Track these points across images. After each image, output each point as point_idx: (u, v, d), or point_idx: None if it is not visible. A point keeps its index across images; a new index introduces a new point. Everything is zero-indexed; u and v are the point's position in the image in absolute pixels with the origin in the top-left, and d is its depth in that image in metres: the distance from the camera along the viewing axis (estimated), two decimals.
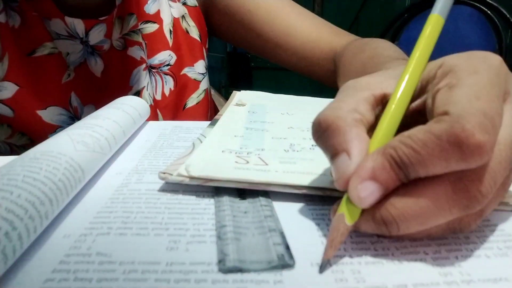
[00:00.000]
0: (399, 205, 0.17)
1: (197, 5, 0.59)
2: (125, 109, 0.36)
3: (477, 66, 0.18)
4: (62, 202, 0.21)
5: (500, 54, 1.17)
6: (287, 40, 0.53)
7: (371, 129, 0.20)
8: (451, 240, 0.19)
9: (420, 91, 0.20)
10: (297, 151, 0.29)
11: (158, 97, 0.54)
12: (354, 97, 0.20)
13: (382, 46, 0.43)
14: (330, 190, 0.23)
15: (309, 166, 0.26)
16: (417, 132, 0.17)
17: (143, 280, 0.16)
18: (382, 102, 0.20)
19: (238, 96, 0.46)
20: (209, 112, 0.61)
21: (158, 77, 0.54)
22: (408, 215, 0.17)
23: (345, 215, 0.18)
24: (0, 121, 0.46)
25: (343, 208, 0.18)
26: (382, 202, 0.17)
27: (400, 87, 0.19)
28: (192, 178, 0.24)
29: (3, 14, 0.45)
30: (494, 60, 0.19)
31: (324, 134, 0.19)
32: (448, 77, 0.18)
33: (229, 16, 0.57)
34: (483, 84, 0.17)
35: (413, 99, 0.20)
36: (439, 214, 0.17)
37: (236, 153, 0.28)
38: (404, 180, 0.17)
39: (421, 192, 0.17)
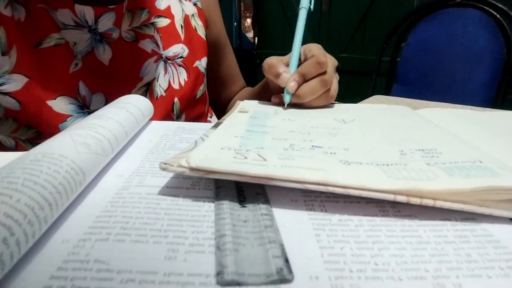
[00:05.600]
0: (303, 89, 0.45)
1: (202, 8, 0.64)
2: (128, 109, 0.36)
3: (315, 45, 0.48)
4: (62, 206, 0.21)
5: (509, 56, 1.15)
6: (231, 84, 0.74)
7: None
8: (453, 258, 0.19)
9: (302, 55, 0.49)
10: (297, 150, 0.29)
11: (176, 86, 0.57)
12: (275, 58, 0.49)
13: None
14: (333, 186, 0.22)
15: (308, 162, 0.26)
16: (306, 63, 0.45)
17: None
18: (284, 62, 0.49)
19: (241, 104, 0.47)
20: (206, 106, 0.66)
21: (173, 68, 0.57)
22: (306, 92, 0.45)
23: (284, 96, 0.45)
24: (6, 115, 0.46)
25: (284, 93, 0.45)
26: (298, 89, 0.45)
27: (294, 53, 0.48)
28: (192, 169, 0.24)
29: (9, 8, 0.45)
30: (319, 45, 0.49)
31: (271, 68, 0.47)
32: (307, 50, 0.48)
33: (213, 45, 0.67)
34: (319, 48, 0.48)
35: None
36: (317, 89, 0.45)
37: (235, 150, 0.28)
38: (304, 80, 0.45)
39: (310, 83, 0.45)
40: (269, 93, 0.52)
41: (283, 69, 0.46)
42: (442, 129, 0.36)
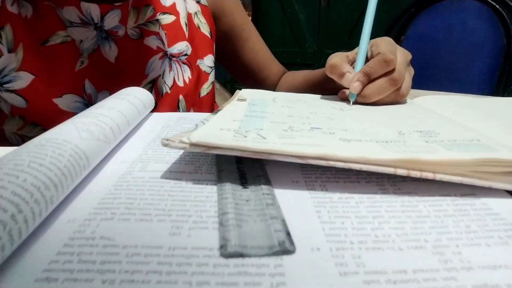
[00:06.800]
0: (369, 89, 0.42)
1: (207, 5, 0.63)
2: (130, 100, 0.36)
3: (383, 40, 0.45)
4: (67, 187, 0.21)
5: (509, 48, 1.15)
6: (262, 69, 0.72)
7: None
8: (452, 229, 0.19)
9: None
10: (296, 131, 0.29)
11: (181, 83, 0.57)
12: (339, 55, 0.46)
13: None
14: (334, 161, 0.23)
15: (308, 140, 0.26)
16: (372, 61, 0.42)
17: (146, 263, 0.17)
18: (349, 59, 0.47)
19: (240, 92, 0.47)
20: (213, 104, 0.65)
21: (178, 66, 0.57)
22: (371, 92, 0.42)
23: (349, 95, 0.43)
24: (12, 113, 0.47)
25: (350, 92, 0.43)
26: (364, 90, 0.42)
27: (361, 50, 0.45)
28: (193, 145, 0.24)
29: (15, 5, 0.45)
30: (390, 38, 0.46)
31: (334, 69, 0.45)
32: (374, 46, 0.44)
33: (228, 35, 0.67)
34: (387, 43, 0.44)
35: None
36: (385, 89, 0.42)
37: (234, 131, 0.28)
38: (369, 80, 0.42)
39: (376, 82, 0.42)
40: (332, 84, 0.50)
41: (347, 68, 0.44)
42: (440, 115, 0.36)
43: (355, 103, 0.43)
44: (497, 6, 1.17)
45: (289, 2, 2.37)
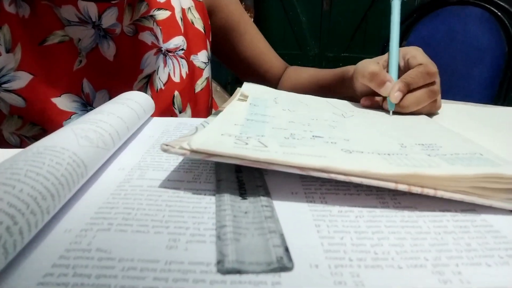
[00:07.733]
0: (408, 99, 0.42)
1: (201, 0, 0.63)
2: (129, 105, 0.36)
3: (417, 50, 0.45)
4: (64, 197, 0.21)
5: (510, 54, 1.15)
6: (262, 63, 0.71)
7: None
8: (452, 247, 0.19)
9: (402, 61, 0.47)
10: (298, 139, 0.29)
11: (177, 79, 0.56)
12: (374, 63, 0.46)
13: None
14: (335, 173, 0.23)
15: (309, 150, 0.26)
16: (413, 72, 0.42)
17: (142, 278, 0.16)
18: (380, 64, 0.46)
19: (242, 89, 0.46)
20: (210, 101, 0.65)
21: (175, 61, 0.56)
22: (411, 103, 0.42)
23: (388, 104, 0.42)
24: (11, 112, 0.46)
25: (388, 102, 0.42)
26: (402, 99, 0.42)
27: (393, 57, 0.45)
28: (193, 152, 0.24)
29: (13, 5, 0.45)
30: (420, 49, 0.45)
31: (375, 77, 0.43)
32: (409, 55, 0.44)
33: (224, 29, 0.67)
34: (423, 54, 0.44)
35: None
36: (424, 100, 0.42)
37: (235, 137, 0.28)
38: (409, 89, 0.42)
39: (416, 93, 0.42)
40: (348, 89, 0.51)
41: (388, 77, 0.43)
42: (441, 126, 0.36)
43: (393, 111, 0.43)
44: (499, 13, 1.17)
45: (291, 5, 2.37)
